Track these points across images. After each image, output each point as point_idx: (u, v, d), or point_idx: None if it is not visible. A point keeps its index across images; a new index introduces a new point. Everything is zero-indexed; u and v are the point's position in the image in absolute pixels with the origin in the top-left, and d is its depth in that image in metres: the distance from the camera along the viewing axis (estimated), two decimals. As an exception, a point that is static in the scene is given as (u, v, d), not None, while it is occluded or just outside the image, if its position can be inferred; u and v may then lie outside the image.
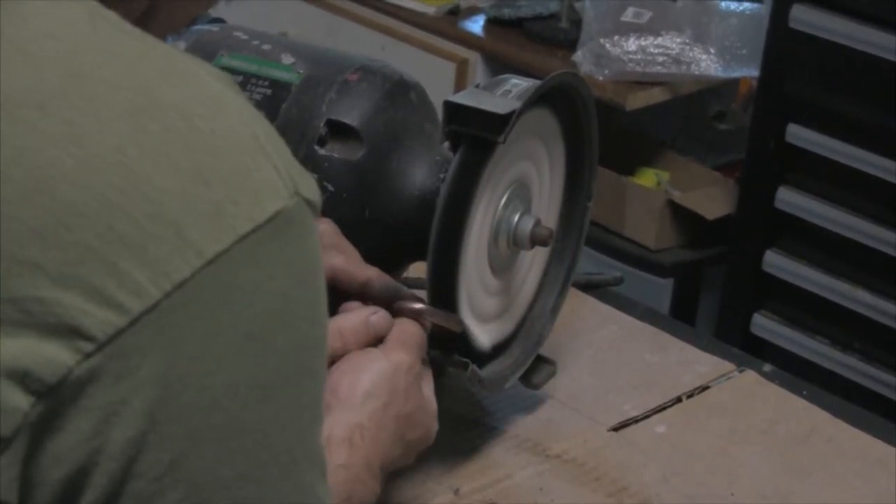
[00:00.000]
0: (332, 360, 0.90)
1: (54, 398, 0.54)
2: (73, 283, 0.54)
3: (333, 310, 0.92)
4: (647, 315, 1.29)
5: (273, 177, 0.58)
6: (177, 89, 0.58)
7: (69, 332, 0.54)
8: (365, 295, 0.93)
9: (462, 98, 0.98)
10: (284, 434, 0.60)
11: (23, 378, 0.54)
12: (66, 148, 0.55)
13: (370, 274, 0.93)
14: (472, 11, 2.72)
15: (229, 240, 0.56)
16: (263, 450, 0.59)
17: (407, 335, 0.92)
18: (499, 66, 2.53)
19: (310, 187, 0.60)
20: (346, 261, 0.93)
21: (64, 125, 0.55)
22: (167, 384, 0.55)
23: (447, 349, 0.99)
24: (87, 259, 0.54)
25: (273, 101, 1.01)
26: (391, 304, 0.93)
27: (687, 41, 2.44)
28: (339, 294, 0.93)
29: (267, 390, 0.58)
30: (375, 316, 0.91)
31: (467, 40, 2.64)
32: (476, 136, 0.97)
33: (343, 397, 0.87)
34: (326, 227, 0.94)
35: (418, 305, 0.94)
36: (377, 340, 0.91)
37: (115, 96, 0.56)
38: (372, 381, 0.88)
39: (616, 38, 2.43)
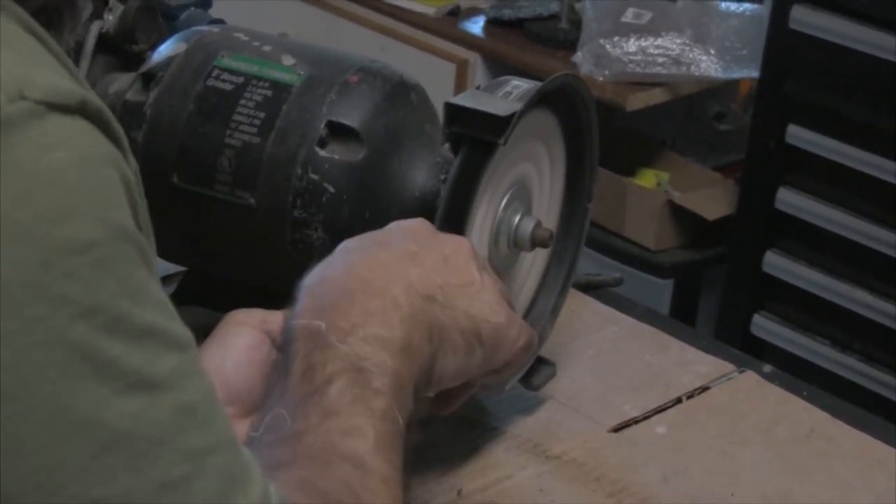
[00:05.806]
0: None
1: None
2: None
3: None
4: (647, 316, 1.29)
5: None
6: None
7: None
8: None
9: (463, 100, 0.98)
10: (43, 345, 0.56)
11: None
12: None
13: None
14: (473, 12, 2.73)
15: None
16: (18, 366, 0.56)
17: None
18: (499, 66, 2.53)
19: (51, 89, 0.57)
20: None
21: None
22: None
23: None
24: None
25: (273, 102, 1.01)
26: None
27: (687, 42, 2.44)
28: None
29: (9, 302, 0.55)
30: None
31: (467, 41, 2.65)
32: (477, 137, 0.97)
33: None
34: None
35: None
36: None
37: None
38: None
39: (616, 38, 2.43)
